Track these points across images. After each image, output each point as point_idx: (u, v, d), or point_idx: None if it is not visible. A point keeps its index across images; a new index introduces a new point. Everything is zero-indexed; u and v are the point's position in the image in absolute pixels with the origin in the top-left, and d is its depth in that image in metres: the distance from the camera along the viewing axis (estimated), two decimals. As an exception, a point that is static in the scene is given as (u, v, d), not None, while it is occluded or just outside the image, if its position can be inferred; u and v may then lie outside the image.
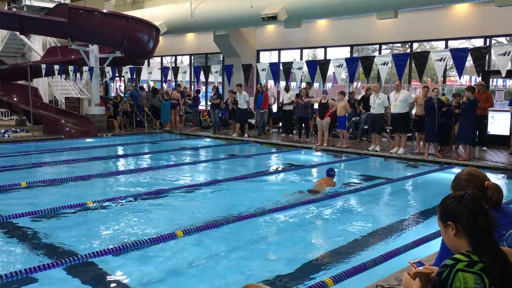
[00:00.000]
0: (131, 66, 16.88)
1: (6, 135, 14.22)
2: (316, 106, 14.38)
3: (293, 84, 17.88)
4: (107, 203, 6.96)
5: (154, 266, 4.82)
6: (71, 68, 16.15)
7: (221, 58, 20.33)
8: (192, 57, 22.50)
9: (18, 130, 15.68)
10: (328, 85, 19.94)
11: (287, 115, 14.92)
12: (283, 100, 15.24)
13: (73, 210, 6.54)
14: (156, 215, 6.76)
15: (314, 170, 10.36)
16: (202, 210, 7.02)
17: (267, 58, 19.82)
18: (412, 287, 2.13)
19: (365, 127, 13.88)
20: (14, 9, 17.26)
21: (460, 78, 13.92)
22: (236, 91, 15.33)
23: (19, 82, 17.76)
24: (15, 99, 17.13)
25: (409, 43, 15.65)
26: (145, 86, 22.17)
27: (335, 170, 8.35)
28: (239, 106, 15.00)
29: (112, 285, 4.44)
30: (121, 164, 11.18)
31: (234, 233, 5.84)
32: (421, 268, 2.22)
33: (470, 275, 1.82)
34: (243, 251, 5.33)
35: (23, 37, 18.02)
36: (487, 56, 11.41)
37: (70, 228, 6.07)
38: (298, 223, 6.39)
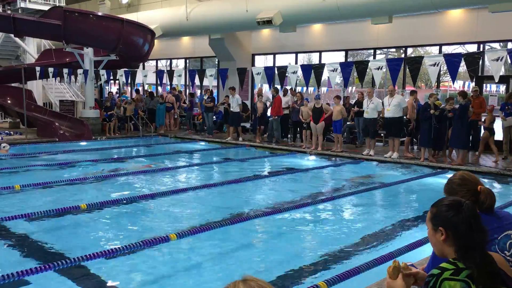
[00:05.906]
0: (126, 69, 16.86)
1: (-1, 138, 14.15)
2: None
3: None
4: (100, 206, 6.93)
5: (147, 269, 4.80)
6: (65, 70, 16.12)
7: (216, 62, 20.34)
8: (187, 61, 22.50)
9: (12, 132, 15.61)
10: (323, 89, 19.99)
11: (283, 119, 14.92)
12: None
13: (66, 213, 6.51)
14: (150, 218, 6.74)
15: (308, 173, 10.38)
16: (193, 214, 7.01)
17: (262, 62, 19.83)
18: (395, 286, 2.13)
19: (354, 130, 14.14)
20: (9, 11, 17.20)
21: (453, 83, 14.00)
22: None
23: (13, 84, 17.70)
24: (9, 101, 17.06)
25: (403, 48, 15.74)
26: (140, 89, 22.15)
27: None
28: (231, 109, 15.00)
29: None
30: (115, 168, 11.12)
31: (227, 236, 5.83)
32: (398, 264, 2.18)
33: (456, 283, 1.83)
34: (235, 254, 5.32)
35: (17, 39, 17.98)
36: (480, 62, 11.49)
37: (62, 230, 6.05)
38: (291, 227, 6.40)
